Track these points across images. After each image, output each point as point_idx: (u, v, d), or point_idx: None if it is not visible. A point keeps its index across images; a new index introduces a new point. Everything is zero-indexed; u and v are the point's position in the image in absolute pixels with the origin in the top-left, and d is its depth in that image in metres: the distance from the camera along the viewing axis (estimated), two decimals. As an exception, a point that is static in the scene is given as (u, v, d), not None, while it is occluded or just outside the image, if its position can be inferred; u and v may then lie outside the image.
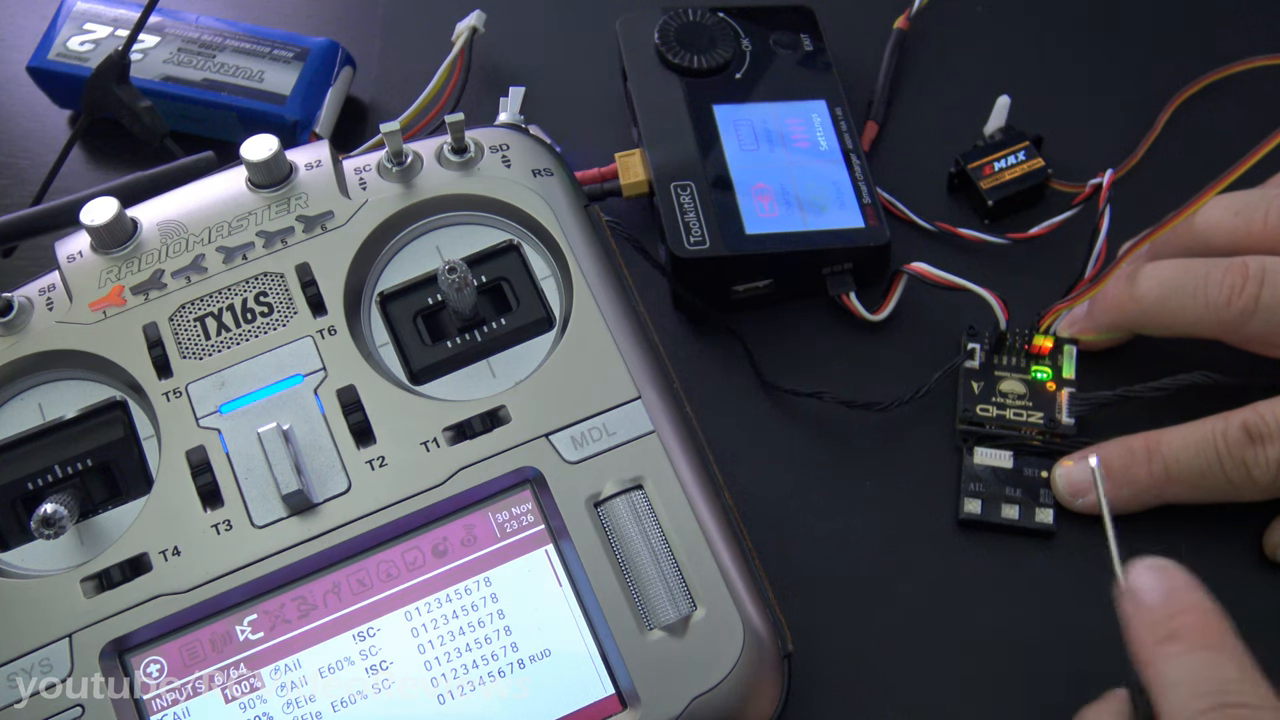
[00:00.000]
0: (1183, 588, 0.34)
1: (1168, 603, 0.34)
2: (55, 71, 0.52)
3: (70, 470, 0.37)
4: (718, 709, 0.34)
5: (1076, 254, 0.47)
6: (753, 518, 0.39)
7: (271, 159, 0.40)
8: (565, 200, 0.40)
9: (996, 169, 0.49)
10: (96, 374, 0.39)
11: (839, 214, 0.46)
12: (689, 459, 0.37)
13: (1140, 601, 0.34)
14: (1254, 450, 0.40)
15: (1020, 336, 0.45)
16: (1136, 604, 0.34)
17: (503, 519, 0.36)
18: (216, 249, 0.39)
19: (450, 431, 0.37)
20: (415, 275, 0.40)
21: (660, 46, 0.50)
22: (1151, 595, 0.34)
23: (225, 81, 0.51)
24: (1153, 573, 0.35)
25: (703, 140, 0.48)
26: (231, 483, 0.36)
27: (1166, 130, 0.50)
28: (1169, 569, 0.35)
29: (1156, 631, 0.34)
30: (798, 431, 0.46)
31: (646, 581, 0.35)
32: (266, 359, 0.38)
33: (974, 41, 0.54)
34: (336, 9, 0.57)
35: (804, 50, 0.51)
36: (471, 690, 0.35)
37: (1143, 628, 0.34)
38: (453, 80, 0.51)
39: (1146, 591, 0.34)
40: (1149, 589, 0.34)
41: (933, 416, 0.45)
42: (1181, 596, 0.34)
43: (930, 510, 0.44)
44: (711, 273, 0.45)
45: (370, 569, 0.36)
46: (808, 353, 0.47)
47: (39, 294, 0.39)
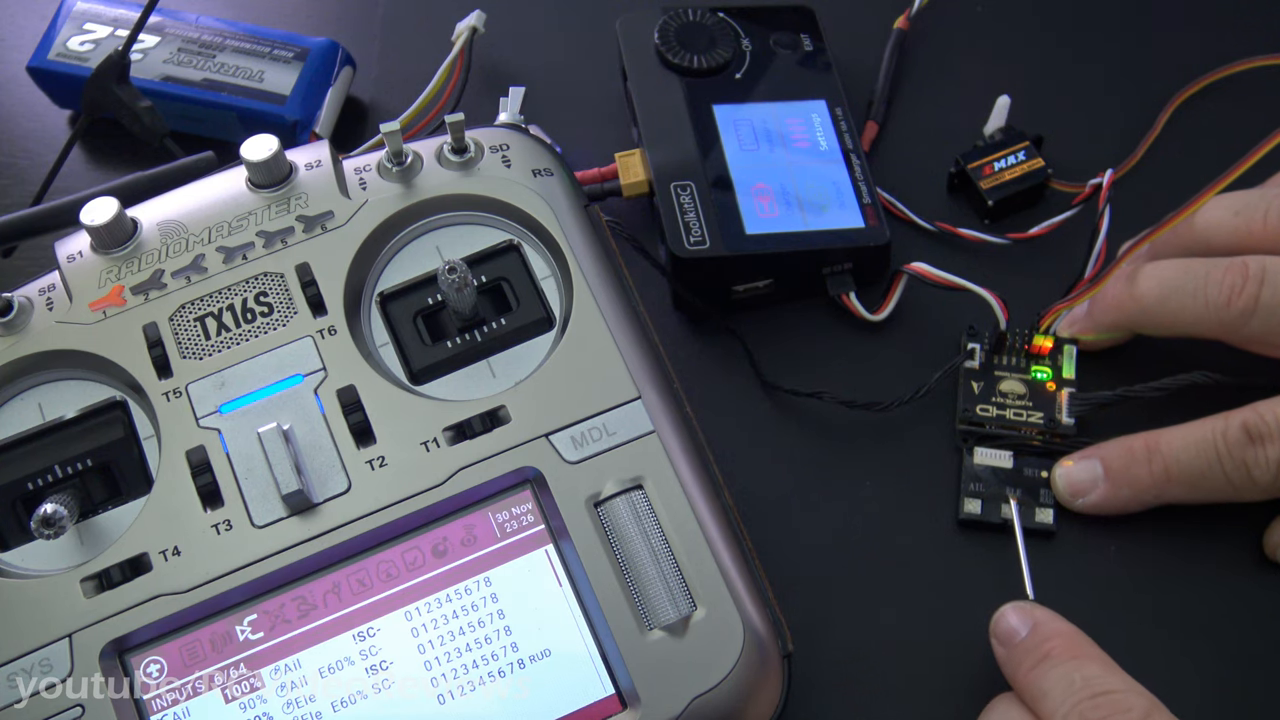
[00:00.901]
0: (1046, 620, 0.38)
1: (1035, 634, 0.38)
2: (55, 71, 0.52)
3: (70, 470, 0.37)
4: (718, 709, 0.34)
5: (1076, 254, 0.47)
6: (753, 518, 0.39)
7: (271, 159, 0.40)
8: (565, 200, 0.40)
9: (996, 169, 0.49)
10: (96, 374, 0.39)
11: (839, 214, 0.46)
12: (689, 459, 0.37)
13: (1010, 641, 0.39)
14: (1254, 450, 0.40)
15: (1020, 336, 0.45)
16: (1008, 644, 0.39)
17: (503, 519, 0.36)
18: (216, 249, 0.39)
19: (450, 431, 0.37)
20: (415, 275, 0.40)
21: (660, 46, 0.50)
22: (1020, 633, 0.38)
23: (225, 81, 0.51)
24: (1017, 614, 0.39)
25: (703, 140, 0.48)
26: (231, 483, 0.36)
27: (1166, 130, 0.50)
28: (1030, 608, 0.39)
29: (1031, 660, 0.38)
30: (798, 431, 0.46)
31: (646, 581, 0.35)
32: (266, 359, 0.38)
33: (974, 41, 0.54)
34: (336, 9, 0.57)
35: (804, 50, 0.51)
36: (471, 690, 0.35)
37: (1019, 662, 0.38)
38: (453, 80, 0.51)
39: (1016, 632, 0.38)
40: (1018, 629, 0.39)
41: (933, 416, 0.45)
42: (1047, 627, 0.38)
43: (930, 510, 0.44)
44: (711, 273, 0.45)
45: (370, 569, 0.36)
46: (808, 353, 0.47)
47: (39, 294, 0.39)
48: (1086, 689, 0.36)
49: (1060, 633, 0.38)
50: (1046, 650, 0.37)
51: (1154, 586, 0.42)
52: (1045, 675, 0.37)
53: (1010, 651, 0.38)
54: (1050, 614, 0.39)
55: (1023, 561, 0.42)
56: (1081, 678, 0.36)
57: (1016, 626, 0.39)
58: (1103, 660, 0.37)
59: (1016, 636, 0.38)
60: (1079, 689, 0.36)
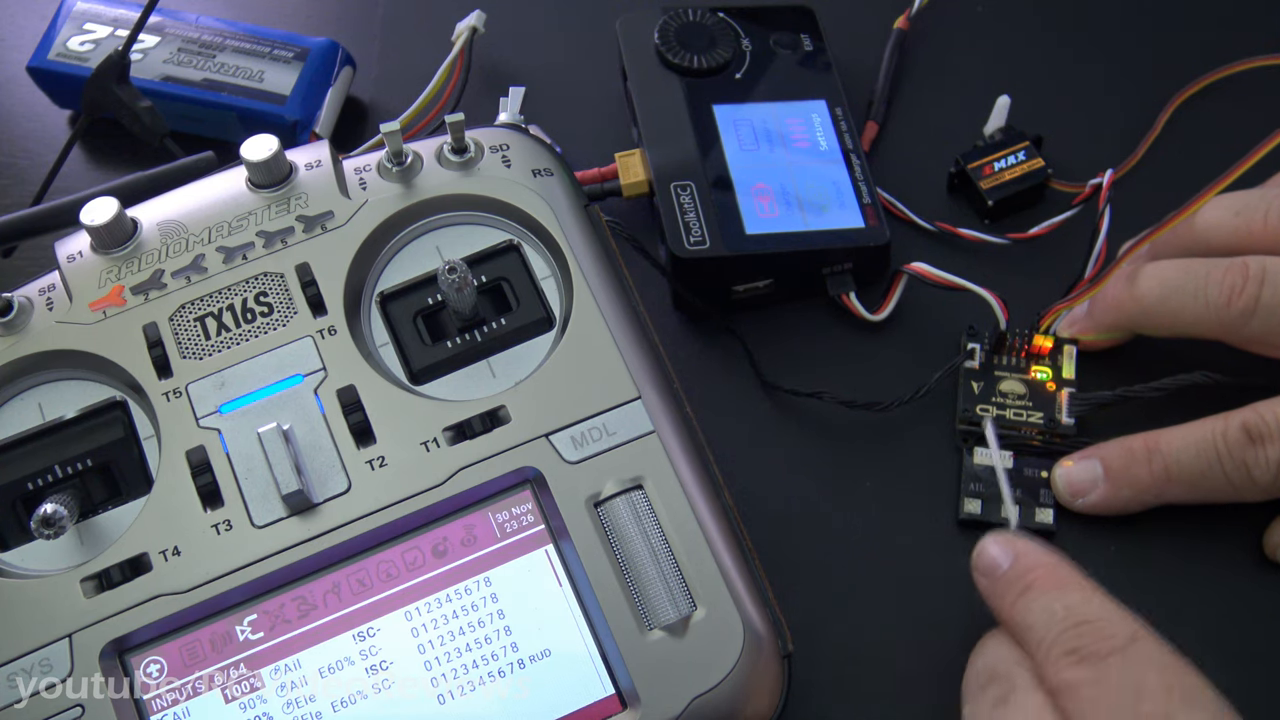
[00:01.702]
0: (1028, 550, 0.38)
1: (1017, 565, 0.37)
2: (55, 71, 0.52)
3: (70, 470, 0.37)
4: (718, 709, 0.34)
5: (1076, 254, 0.47)
6: (753, 518, 0.39)
7: (271, 159, 0.40)
8: (565, 200, 0.40)
9: (996, 169, 0.49)
10: (96, 374, 0.39)
11: (839, 214, 0.46)
12: (689, 459, 0.37)
13: (992, 572, 0.38)
14: (1254, 450, 0.40)
15: (1020, 336, 0.45)
16: (990, 575, 0.38)
17: (503, 519, 0.36)
18: (216, 249, 0.39)
19: (450, 431, 0.37)
20: (415, 275, 0.40)
21: (660, 46, 0.50)
22: (1004, 564, 0.38)
23: (225, 81, 0.51)
24: (999, 545, 0.38)
25: (703, 140, 0.48)
26: (231, 483, 0.36)
27: (1166, 130, 0.50)
28: (1011, 539, 0.38)
29: (1013, 591, 0.37)
30: (798, 431, 0.46)
31: (646, 581, 0.35)
32: (266, 359, 0.38)
33: (974, 41, 0.54)
34: (336, 9, 0.57)
35: (804, 50, 0.51)
36: (471, 690, 0.35)
37: (1002, 594, 0.37)
38: (453, 80, 0.51)
39: (998, 563, 0.38)
40: (1000, 560, 0.38)
41: (933, 416, 0.45)
42: (1030, 557, 0.37)
43: (930, 510, 0.44)
44: (711, 273, 0.45)
45: (370, 569, 0.36)
46: (808, 353, 0.47)
47: (39, 294, 0.39)
48: (1069, 618, 0.35)
49: (1043, 563, 0.37)
50: (1029, 581, 0.37)
51: (1154, 586, 0.42)
52: (1028, 608, 0.36)
53: (993, 584, 0.38)
54: (1032, 544, 0.38)
55: (1004, 489, 0.41)
56: (1063, 607, 0.35)
57: (998, 558, 0.38)
58: (1084, 587, 0.36)
59: (998, 569, 0.38)
60: (1060, 619, 0.35)
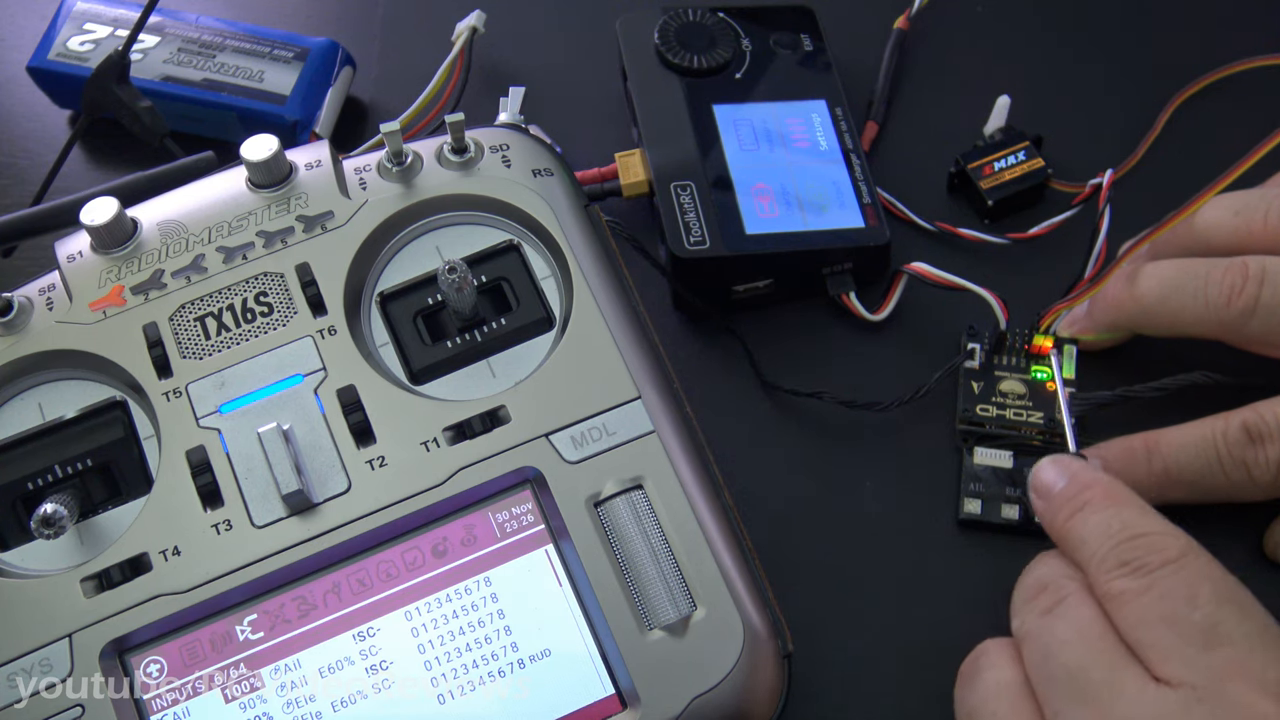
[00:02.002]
0: (1083, 469, 0.38)
1: (1072, 484, 0.38)
2: (55, 71, 0.52)
3: (70, 470, 0.37)
4: (718, 709, 0.34)
5: (1076, 254, 0.47)
6: (753, 518, 0.39)
7: (271, 159, 0.40)
8: (565, 200, 0.40)
9: (996, 169, 0.49)
10: (96, 374, 0.39)
11: (839, 214, 0.46)
12: (689, 459, 0.37)
13: (1049, 493, 0.38)
14: (1254, 450, 0.40)
15: (1020, 336, 0.45)
16: (1046, 496, 0.38)
17: (503, 519, 0.36)
18: (216, 249, 0.39)
19: (450, 431, 0.37)
20: (415, 275, 0.40)
21: (660, 46, 0.50)
22: (1058, 484, 0.38)
23: (225, 81, 0.51)
24: (1055, 466, 0.39)
25: (703, 140, 0.48)
26: (231, 483, 0.36)
27: (1166, 130, 0.50)
28: (1067, 460, 0.39)
29: (1068, 509, 0.37)
30: (798, 431, 0.46)
31: (646, 581, 0.35)
32: (266, 359, 0.38)
33: (974, 41, 0.54)
34: (336, 9, 0.57)
35: (804, 50, 0.51)
36: (471, 690, 0.35)
37: (1056, 512, 0.38)
38: (453, 80, 0.51)
39: (1054, 483, 0.38)
40: (1054, 479, 0.38)
41: (933, 416, 0.45)
42: (1084, 477, 0.38)
43: (930, 510, 0.44)
44: (711, 273, 0.45)
45: (370, 569, 0.36)
46: (808, 353, 0.47)
47: (39, 294, 0.39)
48: (1125, 532, 0.35)
49: (1098, 481, 0.38)
50: (1085, 499, 0.37)
51: (1154, 586, 0.42)
52: (1084, 523, 0.36)
53: (1048, 503, 0.38)
54: (1087, 465, 0.39)
55: (1065, 414, 0.42)
56: (1119, 521, 0.36)
57: (1054, 479, 0.38)
58: (1139, 505, 0.37)
59: (1055, 487, 0.38)
60: (1115, 533, 0.35)
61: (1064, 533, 0.37)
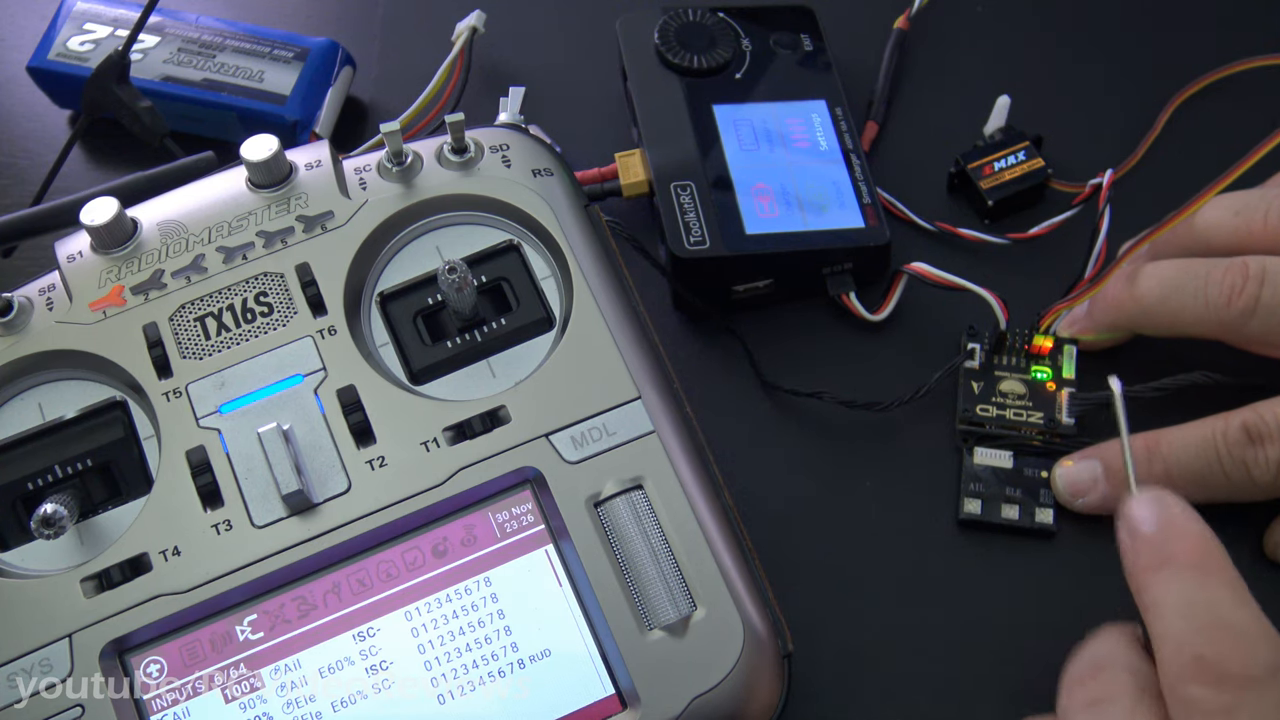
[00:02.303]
0: (1180, 517, 0.34)
1: (1163, 530, 0.34)
2: (55, 71, 0.52)
3: (70, 470, 0.37)
4: (718, 709, 0.34)
5: (1076, 254, 0.47)
6: (753, 518, 0.39)
7: (271, 159, 0.40)
8: (565, 200, 0.40)
9: (996, 169, 0.49)
10: (96, 374, 0.39)
11: (839, 214, 0.46)
12: (689, 459, 0.37)
13: (1137, 532, 0.34)
14: (1254, 451, 0.40)
15: (1020, 336, 0.45)
16: (1133, 534, 0.34)
17: (503, 519, 0.36)
18: (216, 249, 0.39)
19: (450, 431, 0.37)
20: (415, 275, 0.40)
21: (660, 46, 0.50)
22: (1148, 525, 0.34)
23: (225, 81, 0.51)
24: (1151, 504, 0.34)
25: (703, 140, 0.48)
26: (231, 483, 0.36)
27: (1166, 130, 0.50)
28: (1166, 499, 0.35)
29: (1151, 558, 0.34)
30: (798, 431, 0.46)
31: (646, 581, 0.35)
32: (266, 359, 0.38)
33: (974, 41, 0.54)
34: (336, 9, 0.57)
35: (804, 50, 0.51)
36: (471, 690, 0.35)
37: (1138, 555, 0.34)
38: (453, 80, 0.51)
39: (1143, 521, 0.34)
40: (1146, 519, 0.34)
41: (933, 416, 0.45)
42: (1178, 525, 0.34)
43: (930, 510, 0.44)
44: (711, 273, 0.45)
45: (370, 569, 0.36)
46: (808, 353, 0.47)
47: (39, 294, 0.39)
48: (1210, 617, 0.32)
49: (1189, 533, 0.34)
50: (1170, 552, 0.33)
51: (1154, 586, 0.42)
52: (1166, 585, 0.33)
53: (1134, 543, 0.34)
54: (1186, 510, 0.34)
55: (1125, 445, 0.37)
56: (1207, 601, 0.32)
57: (1146, 517, 0.34)
58: (1234, 583, 0.32)
59: (1143, 526, 0.34)
60: (1201, 614, 0.32)
61: (1142, 585, 0.34)
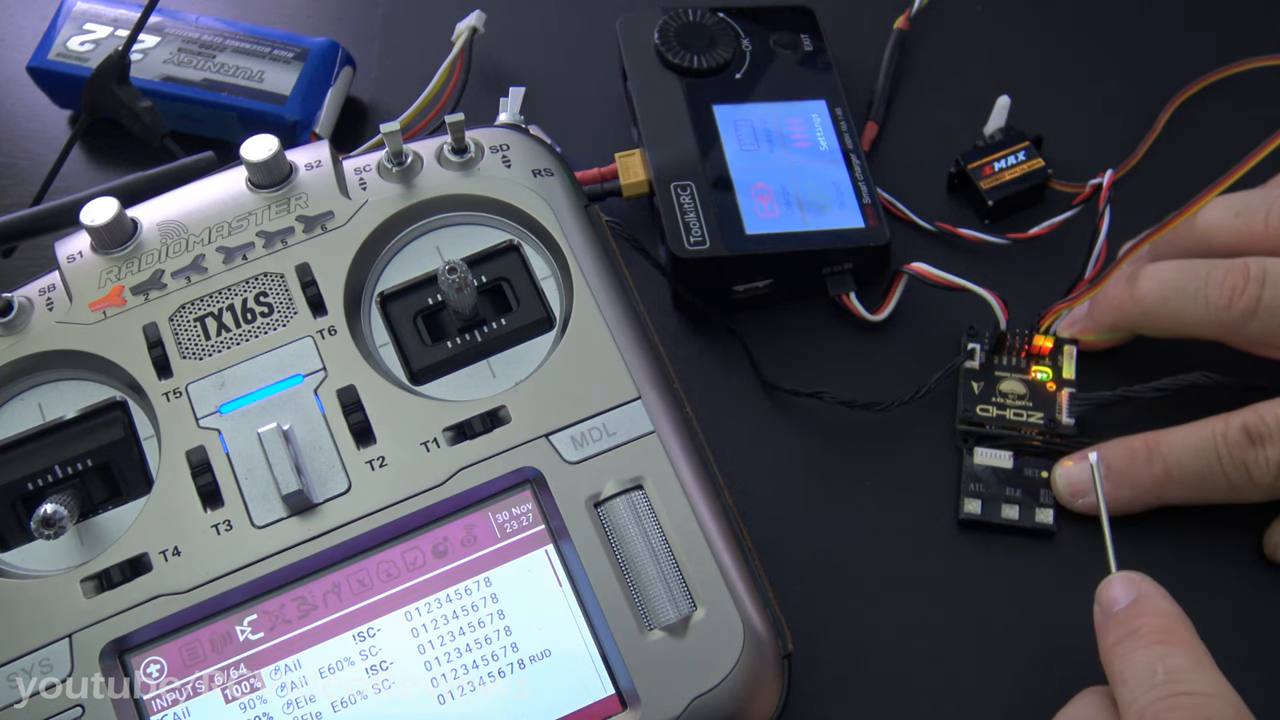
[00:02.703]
0: (1149, 595, 0.36)
1: (1132, 607, 0.36)
2: (55, 71, 0.52)
3: (70, 470, 0.37)
4: (718, 709, 0.34)
5: (1076, 254, 0.47)
6: (753, 518, 0.39)
7: (271, 159, 0.40)
8: (565, 200, 0.40)
9: (996, 169, 0.49)
10: (96, 374, 0.39)
11: (839, 214, 0.46)
12: (689, 459, 0.37)
13: (1109, 611, 0.37)
14: (1254, 451, 0.40)
15: (1020, 336, 0.45)
16: (1106, 613, 0.37)
17: (503, 519, 0.36)
18: (216, 249, 0.39)
19: (450, 431, 0.37)
20: (415, 275, 0.40)
21: (660, 46, 0.50)
22: (1120, 604, 0.36)
23: (225, 81, 0.51)
24: (1124, 584, 0.37)
25: (703, 140, 0.48)
26: (231, 483, 0.36)
27: (1166, 130, 0.50)
28: (1139, 581, 0.37)
29: (1119, 633, 0.35)
30: (798, 431, 0.46)
31: (646, 581, 0.35)
32: (266, 359, 0.38)
33: (974, 41, 0.54)
34: (336, 9, 0.57)
35: (804, 50, 0.51)
36: (471, 690, 0.35)
37: (1108, 633, 0.36)
38: (453, 80, 0.51)
39: (1116, 601, 0.36)
40: (1119, 599, 0.36)
41: (933, 416, 0.45)
42: (1146, 603, 0.36)
43: (930, 510, 0.44)
44: (711, 273, 0.45)
45: (370, 569, 0.36)
46: (808, 353, 0.47)
47: (39, 294, 0.39)
48: (1169, 684, 0.33)
49: (1156, 610, 0.35)
50: (1136, 626, 0.35)
51: (1154, 587, 0.42)
52: (1128, 657, 0.34)
53: (1104, 620, 0.36)
54: (1158, 591, 0.36)
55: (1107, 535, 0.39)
56: (1165, 669, 0.33)
57: (1119, 596, 0.36)
58: (1192, 650, 0.34)
59: (1116, 605, 0.36)
60: (1160, 683, 0.33)
61: (1109, 658, 0.35)
